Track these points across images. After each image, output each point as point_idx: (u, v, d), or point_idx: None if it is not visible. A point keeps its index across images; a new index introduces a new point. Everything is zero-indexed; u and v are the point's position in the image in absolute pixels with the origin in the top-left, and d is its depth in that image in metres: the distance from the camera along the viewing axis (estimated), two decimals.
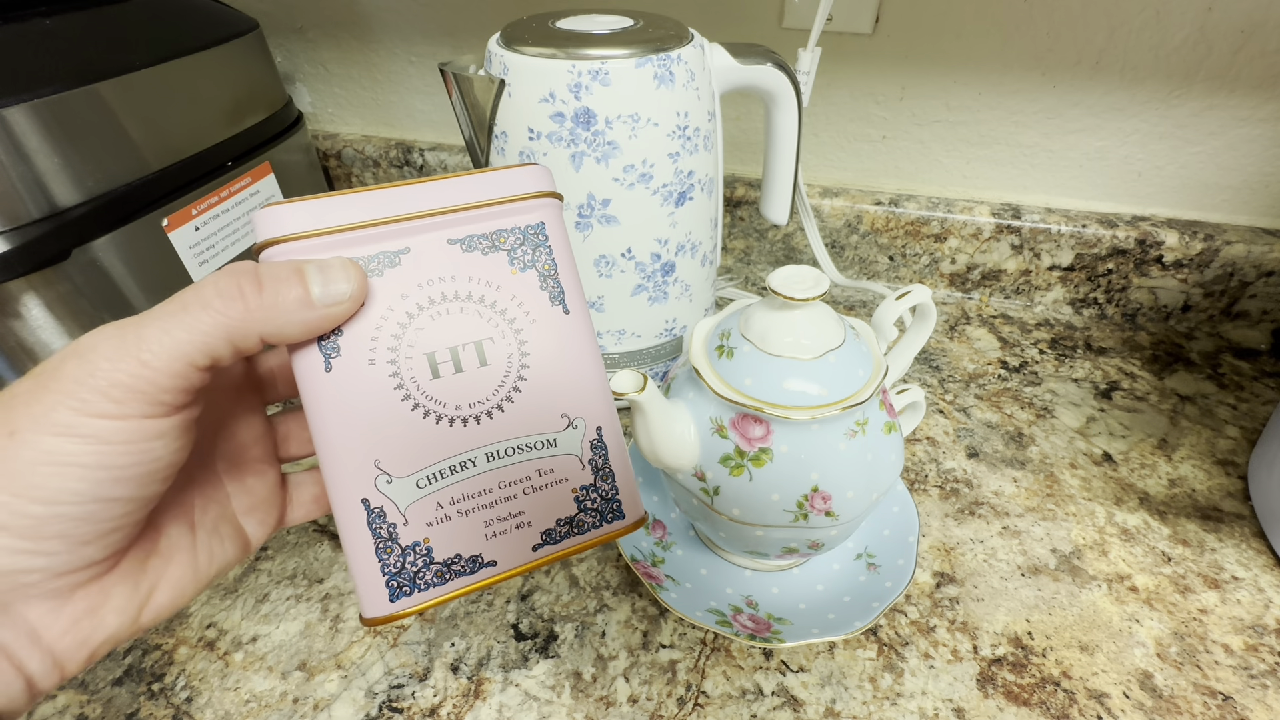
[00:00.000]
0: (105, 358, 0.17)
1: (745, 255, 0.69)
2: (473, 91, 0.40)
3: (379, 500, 0.21)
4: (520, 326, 0.22)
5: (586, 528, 0.24)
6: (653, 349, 0.47)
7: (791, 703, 0.34)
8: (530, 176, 0.23)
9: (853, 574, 0.38)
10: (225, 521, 0.23)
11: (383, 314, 0.21)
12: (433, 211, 0.22)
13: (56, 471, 0.17)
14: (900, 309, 0.36)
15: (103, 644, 0.20)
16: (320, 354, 0.20)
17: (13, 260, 0.40)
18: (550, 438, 0.23)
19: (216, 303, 0.18)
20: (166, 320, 0.18)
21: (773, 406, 0.30)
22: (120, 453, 0.18)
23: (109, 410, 0.17)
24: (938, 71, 0.57)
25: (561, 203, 0.24)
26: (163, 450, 0.19)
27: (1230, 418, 0.51)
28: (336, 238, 0.21)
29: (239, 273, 0.19)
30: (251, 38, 0.55)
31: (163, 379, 0.18)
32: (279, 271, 0.19)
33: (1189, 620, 0.37)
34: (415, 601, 0.22)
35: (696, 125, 0.41)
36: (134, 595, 0.20)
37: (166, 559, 0.21)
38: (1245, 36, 0.50)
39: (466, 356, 0.22)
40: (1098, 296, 0.61)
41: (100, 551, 0.19)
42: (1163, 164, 0.58)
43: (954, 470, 0.47)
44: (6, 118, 0.39)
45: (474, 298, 0.22)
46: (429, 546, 0.22)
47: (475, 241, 0.22)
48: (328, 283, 0.20)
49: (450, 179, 0.22)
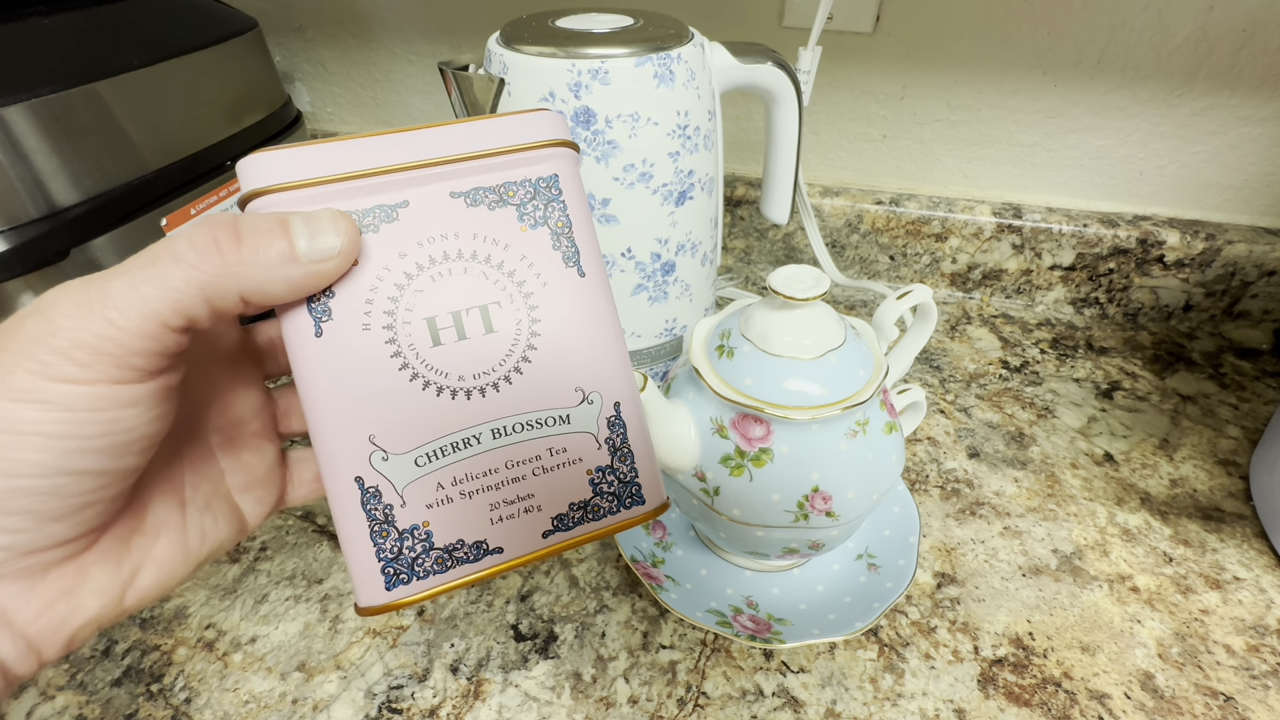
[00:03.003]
0: (67, 315, 0.16)
1: (745, 255, 0.69)
2: (472, 91, 0.40)
3: (374, 479, 0.19)
4: (530, 290, 0.20)
5: (602, 513, 0.21)
6: (653, 349, 0.47)
7: (792, 703, 0.34)
8: (543, 123, 0.21)
9: (853, 574, 0.38)
10: (219, 499, 0.22)
11: (378, 274, 0.19)
12: (434, 161, 0.20)
13: (15, 441, 0.15)
14: (901, 309, 0.35)
15: (83, 627, 0.19)
16: (310, 317, 0.19)
17: (11, 260, 0.40)
18: (563, 413, 0.21)
19: (190, 256, 0.16)
20: (135, 275, 0.16)
21: (773, 406, 0.30)
22: (87, 421, 0.16)
23: (72, 374, 0.16)
24: (939, 71, 0.57)
25: (578, 154, 0.22)
26: (136, 420, 0.17)
27: (1232, 418, 0.51)
28: (328, 189, 0.19)
29: (216, 224, 0.17)
30: (250, 37, 0.55)
31: (131, 340, 0.16)
32: (260, 223, 0.17)
33: (1190, 621, 0.37)
34: (413, 590, 0.20)
35: (697, 124, 0.41)
36: (115, 576, 0.19)
37: (152, 537, 0.20)
38: (1247, 35, 0.50)
39: (470, 322, 0.20)
40: (1099, 296, 0.61)
41: (72, 529, 0.17)
42: (1164, 163, 0.58)
43: (955, 470, 0.46)
44: (5, 117, 0.38)
45: (479, 257, 0.20)
46: (429, 530, 0.20)
47: (481, 195, 0.20)
48: (314, 236, 0.18)
49: (454, 125, 0.20)
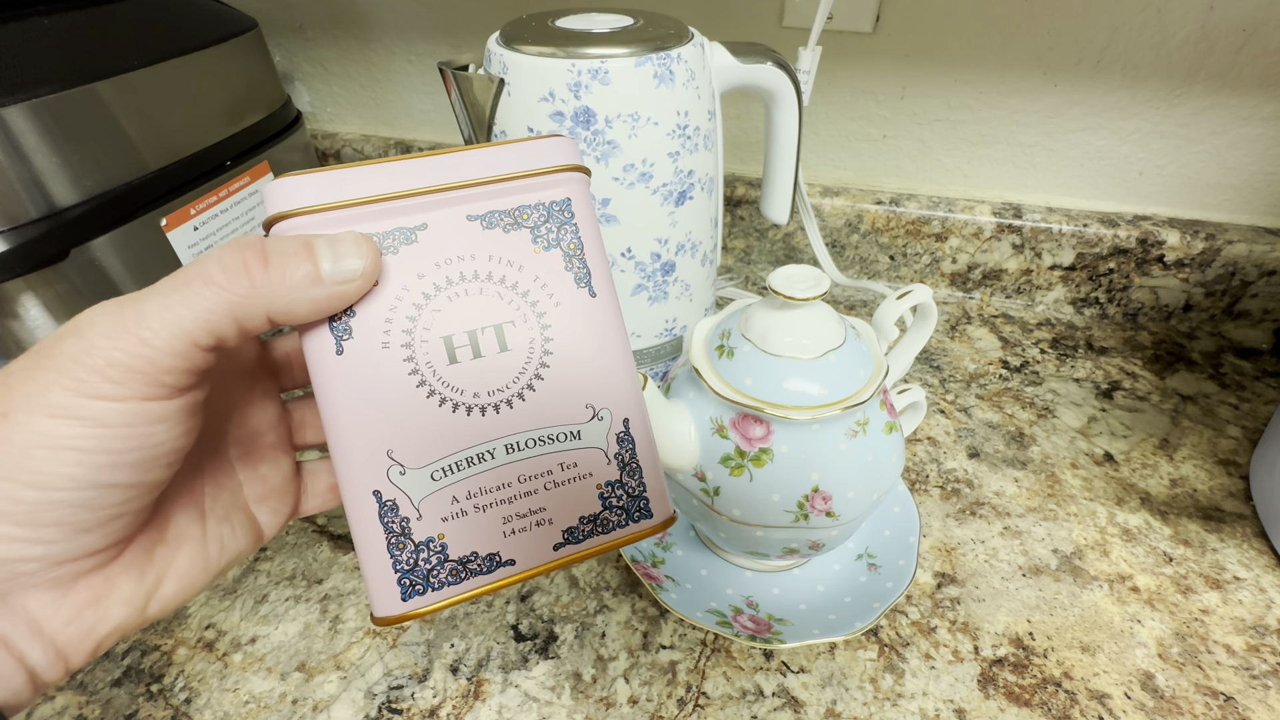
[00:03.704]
0: (103, 335, 0.16)
1: (745, 255, 0.69)
2: (472, 91, 0.40)
3: (391, 493, 0.20)
4: (543, 310, 0.21)
5: (611, 526, 0.22)
6: (653, 349, 0.47)
7: (792, 704, 0.34)
8: (556, 149, 0.22)
9: (853, 574, 0.38)
10: (237, 510, 0.23)
11: (398, 294, 0.20)
12: (452, 185, 0.20)
13: (52, 455, 0.16)
14: (901, 308, 0.35)
15: (108, 635, 0.19)
16: (331, 336, 0.20)
17: (11, 260, 0.40)
18: (574, 429, 0.22)
19: (220, 278, 0.17)
20: (168, 296, 0.17)
21: (773, 406, 0.30)
22: (119, 436, 0.17)
23: (107, 391, 0.16)
24: (938, 70, 0.57)
25: (589, 178, 0.23)
26: (165, 435, 0.18)
27: (1232, 417, 0.51)
28: (350, 212, 0.20)
29: (244, 246, 0.18)
30: (250, 37, 0.55)
31: (163, 358, 0.17)
32: (287, 246, 0.18)
33: (1190, 621, 0.37)
34: (429, 601, 0.20)
35: (697, 124, 0.41)
36: (140, 585, 0.20)
37: (174, 548, 0.21)
38: (1247, 35, 0.50)
39: (486, 341, 0.21)
40: (1099, 296, 0.61)
41: (102, 540, 0.18)
42: (1164, 163, 0.58)
43: (955, 470, 0.46)
44: (4, 117, 0.38)
45: (494, 278, 0.21)
46: (444, 543, 0.21)
47: (496, 218, 0.21)
48: (338, 258, 0.18)
49: (471, 151, 0.21)
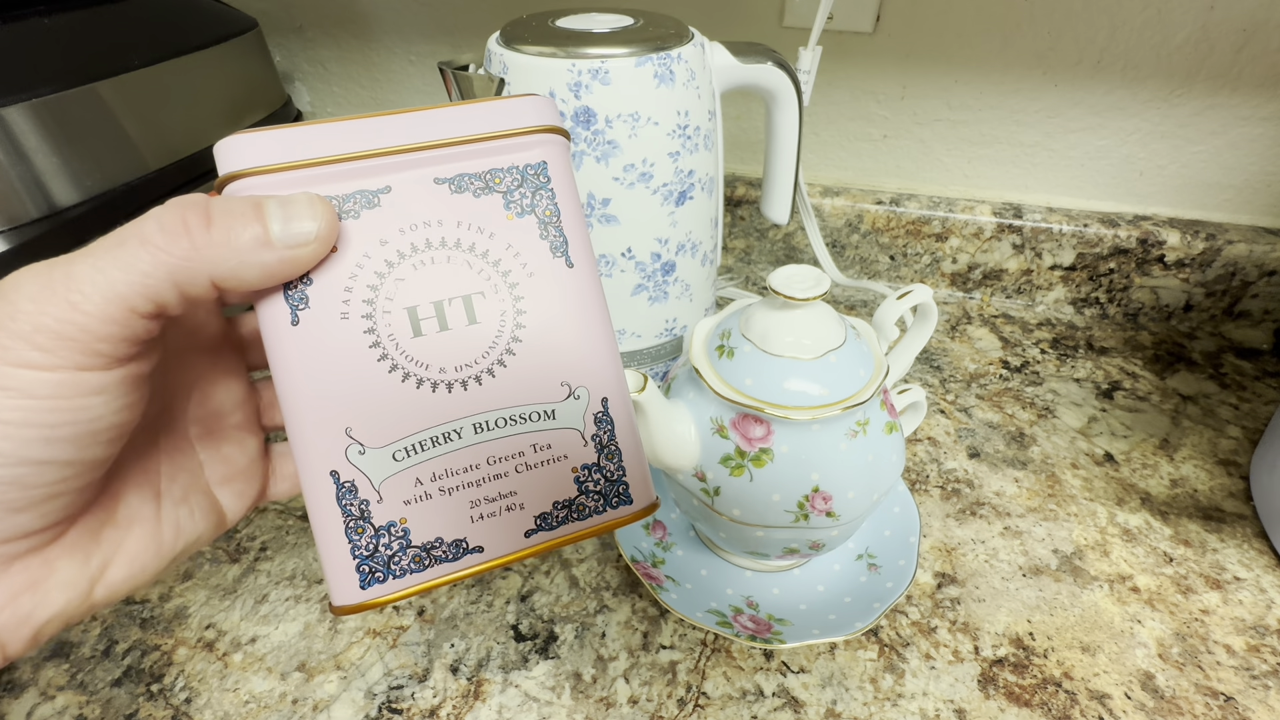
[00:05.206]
0: (29, 298, 0.15)
1: (746, 255, 0.69)
2: (472, 91, 0.40)
3: (350, 473, 0.19)
4: (516, 280, 0.20)
5: (587, 512, 0.21)
6: (653, 349, 0.47)
7: (792, 704, 0.34)
8: (532, 108, 0.20)
9: (854, 574, 0.38)
10: (197, 492, 0.21)
11: (358, 261, 0.19)
12: (419, 145, 0.19)
13: None
14: (901, 309, 0.35)
15: (48, 622, 0.18)
16: (286, 305, 0.18)
17: (11, 260, 0.40)
18: (548, 409, 0.20)
19: (158, 238, 0.16)
20: (100, 257, 0.15)
21: (773, 407, 0.30)
22: (50, 409, 0.15)
23: (34, 360, 0.15)
24: (939, 70, 0.57)
25: (568, 141, 0.21)
26: (103, 409, 0.16)
27: (1232, 418, 0.51)
28: (308, 173, 0.18)
29: (186, 205, 0.16)
30: (250, 37, 0.55)
31: (97, 325, 0.15)
32: (234, 206, 0.17)
33: (1191, 621, 0.37)
34: (389, 590, 0.19)
35: (697, 124, 0.41)
36: (84, 569, 0.18)
37: (124, 530, 0.19)
38: (1247, 35, 0.50)
39: (453, 313, 0.19)
40: (1099, 296, 0.61)
41: (37, 520, 0.17)
42: (1164, 163, 0.58)
43: (955, 470, 0.46)
44: (5, 117, 0.38)
45: (463, 246, 0.19)
46: (406, 528, 0.19)
47: (466, 181, 0.19)
48: (290, 220, 0.17)
49: (441, 109, 0.20)
